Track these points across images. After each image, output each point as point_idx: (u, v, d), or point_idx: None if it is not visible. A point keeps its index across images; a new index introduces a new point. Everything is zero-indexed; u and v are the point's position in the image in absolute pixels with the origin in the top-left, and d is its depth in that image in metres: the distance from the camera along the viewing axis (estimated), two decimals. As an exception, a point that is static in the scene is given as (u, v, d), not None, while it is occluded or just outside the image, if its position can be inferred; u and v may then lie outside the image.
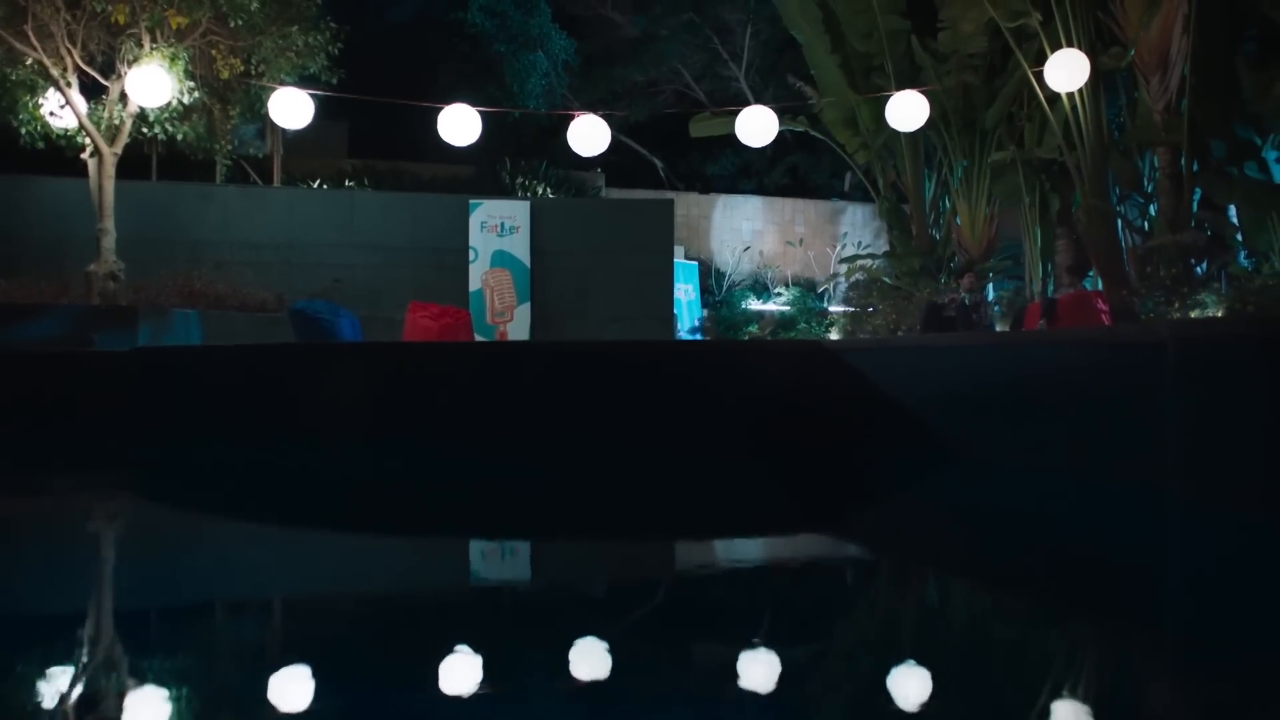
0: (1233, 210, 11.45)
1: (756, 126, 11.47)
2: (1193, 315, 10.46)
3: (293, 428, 6.33)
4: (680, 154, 20.62)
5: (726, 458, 5.58)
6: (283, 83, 12.04)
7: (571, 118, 11.95)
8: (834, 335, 15.04)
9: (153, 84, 10.24)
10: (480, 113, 11.72)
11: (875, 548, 3.84)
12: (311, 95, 11.66)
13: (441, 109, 11.80)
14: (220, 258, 12.88)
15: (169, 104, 11.15)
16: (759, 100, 15.63)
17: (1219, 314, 10.15)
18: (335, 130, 20.72)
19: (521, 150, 18.15)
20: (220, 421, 6.59)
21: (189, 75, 11.12)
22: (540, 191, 17.10)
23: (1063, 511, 4.04)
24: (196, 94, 11.38)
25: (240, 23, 11.23)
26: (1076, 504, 4.10)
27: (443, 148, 13.97)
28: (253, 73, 12.30)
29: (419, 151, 18.11)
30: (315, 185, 15.97)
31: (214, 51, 11.70)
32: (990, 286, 13.14)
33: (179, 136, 12.08)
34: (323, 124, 20.77)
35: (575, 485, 4.98)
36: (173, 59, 10.62)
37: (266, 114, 11.98)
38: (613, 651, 2.38)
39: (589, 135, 11.65)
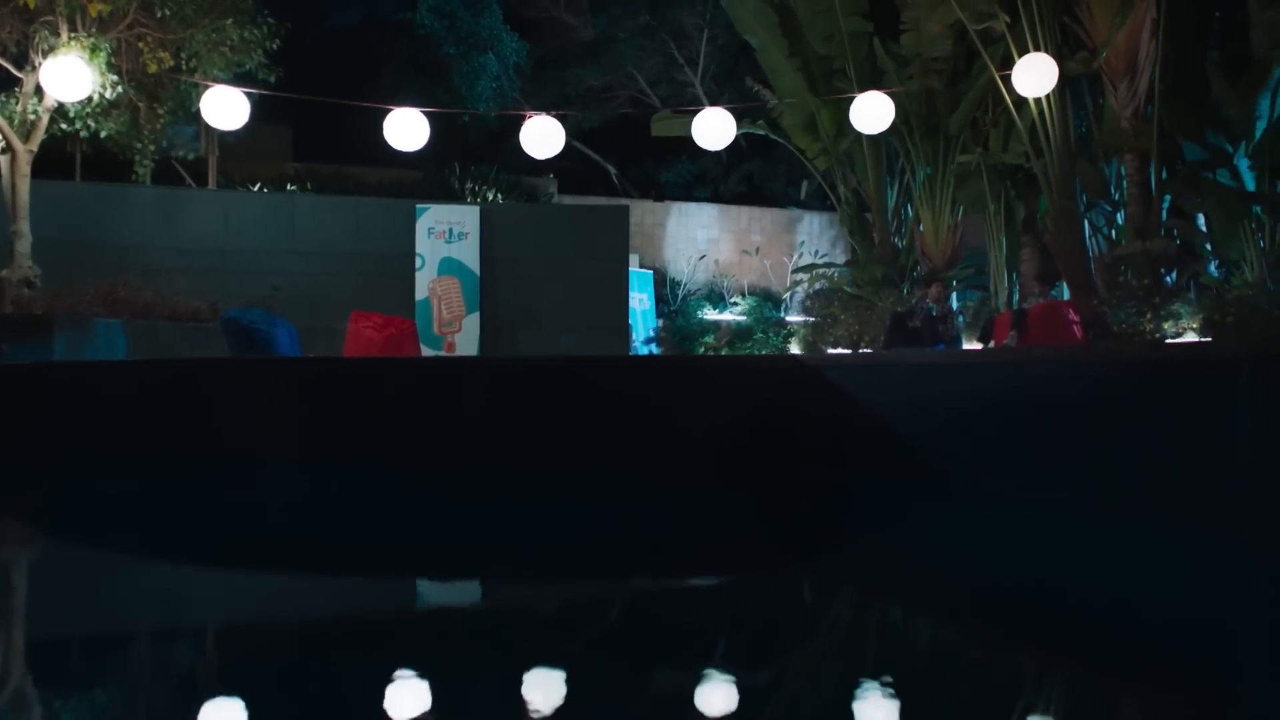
0: (1201, 218, 11.07)
1: (714, 129, 10.88)
2: (1166, 326, 10.03)
3: (212, 453, 5.60)
4: (634, 161, 20.02)
5: (691, 488, 4.94)
6: (216, 79, 11.24)
7: (523, 119, 11.28)
8: (794, 347, 14.49)
9: (71, 76, 9.39)
10: (428, 115, 11.01)
11: (855, 600, 3.24)
12: (247, 94, 10.86)
13: (386, 110, 11.08)
14: (149, 264, 12.01)
15: (90, 99, 10.31)
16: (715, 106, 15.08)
17: (1194, 325, 9.73)
18: (278, 133, 19.86)
19: (471, 155, 17.45)
20: (131, 445, 5.84)
21: (111, 68, 10.29)
22: (491, 197, 16.40)
23: (1100, 562, 3.39)
24: (120, 89, 10.54)
25: (168, 13, 10.43)
26: (1116, 551, 3.49)
27: (389, 152, 13.27)
28: (183, 68, 11.48)
29: (365, 156, 17.31)
30: (255, 189, 15.14)
31: (140, 44, 10.88)
32: (953, 296, 12.65)
33: (103, 134, 11.23)
34: (264, 126, 19.91)
35: (516, 520, 4.33)
36: (93, 50, 9.80)
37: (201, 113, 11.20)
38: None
39: (542, 137, 10.99)
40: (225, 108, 10.51)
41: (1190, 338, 9.79)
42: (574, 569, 3.49)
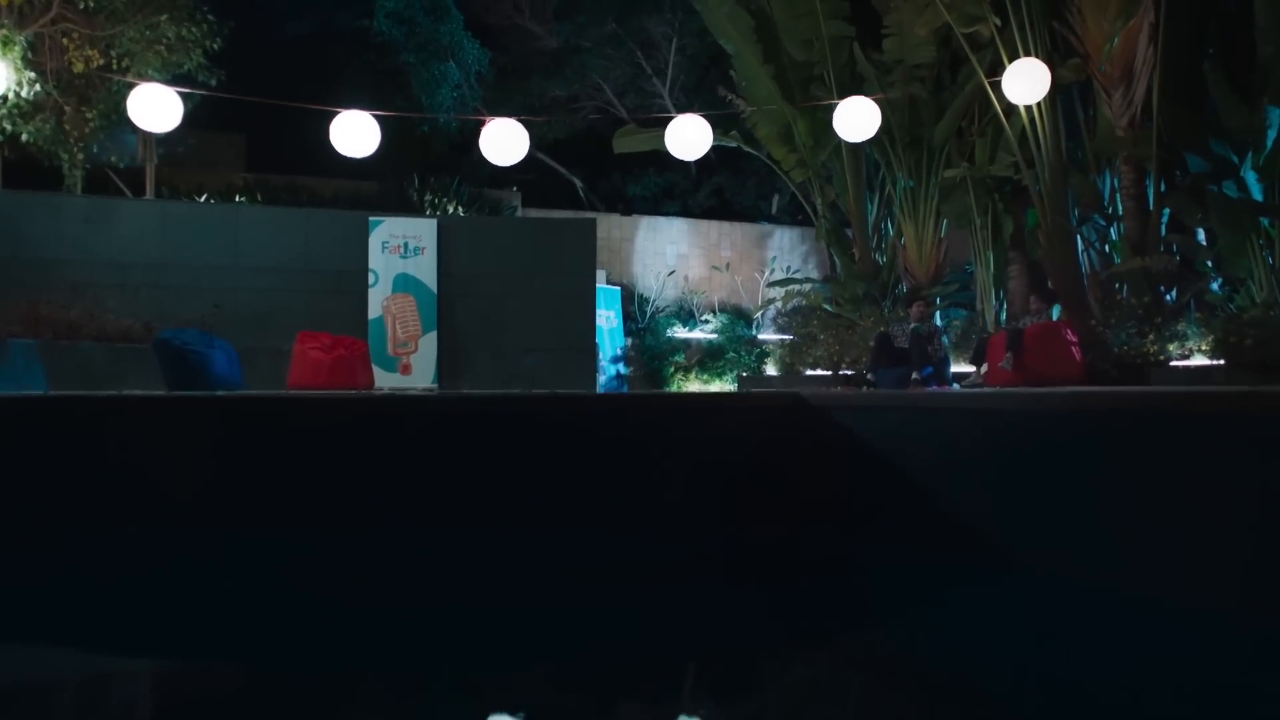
0: (1201, 233, 10.33)
1: (689, 138, 9.99)
2: (1171, 348, 9.25)
3: (90, 513, 4.46)
4: (601, 173, 19.13)
5: (676, 551, 4.02)
6: (151, 80, 10.22)
7: (484, 125, 10.34)
8: (770, 367, 13.62)
9: (-23, 72, 8.39)
10: (379, 120, 10.06)
11: (860, 701, 2.38)
12: (182, 95, 9.82)
13: (335, 114, 10.10)
14: (77, 280, 10.93)
15: (5, 98, 9.28)
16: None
17: (1204, 347, 8.95)
18: (230, 142, 18.80)
19: (431, 166, 16.49)
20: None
21: (29, 65, 9.27)
22: (451, 210, 15.44)
23: (1192, 679, 2.50)
24: (40, 88, 9.51)
25: (92, 5, 9.41)
26: (1222, 663, 2.61)
27: (346, 163, 12.34)
28: (115, 67, 10.46)
29: (321, 166, 16.31)
30: (201, 200, 14.09)
31: (65, 40, 9.86)
32: (937, 315, 11.84)
33: (24, 138, 10.18)
34: (216, 135, 18.88)
35: (470, 592, 3.39)
36: (5, 44, 8.77)
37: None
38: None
39: (504, 143, 10.08)
40: (155, 108, 9.47)
41: (1199, 360, 9.01)
42: (536, 653, 2.57)
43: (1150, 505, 3.04)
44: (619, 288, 16.41)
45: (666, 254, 17.83)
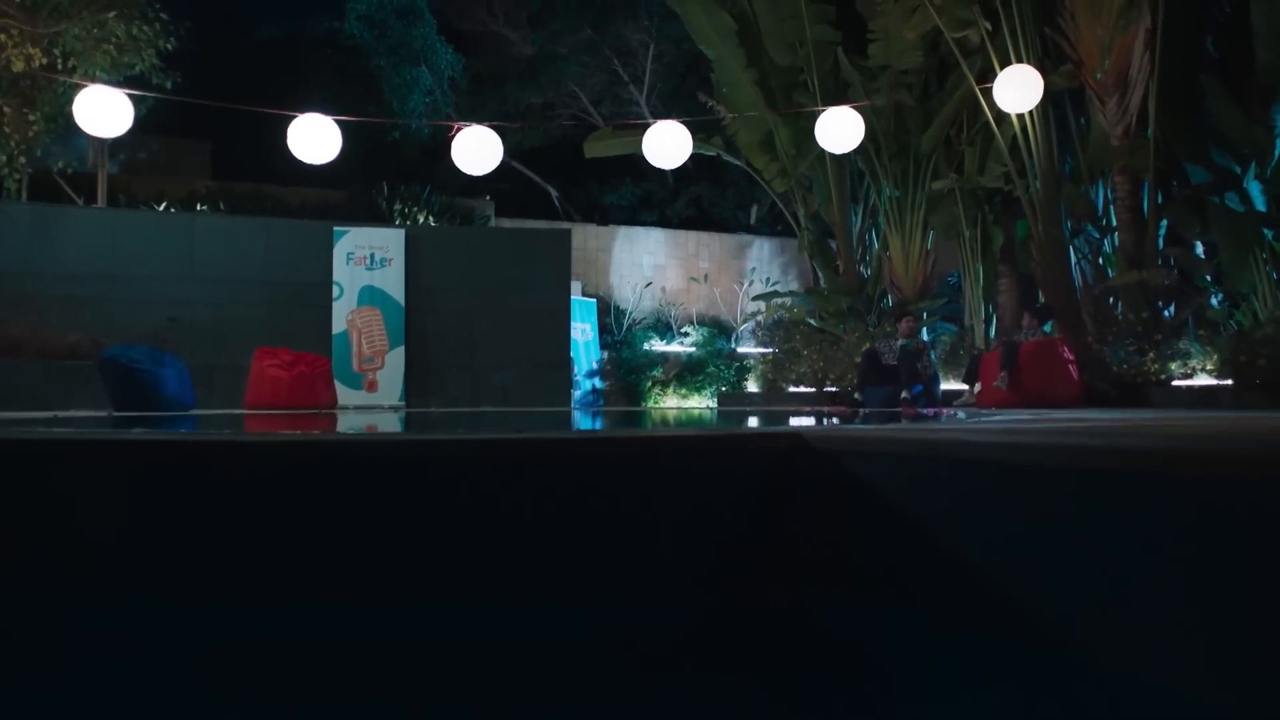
0: (1199, 246, 9.82)
1: (667, 145, 9.38)
2: (1173, 367, 8.72)
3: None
4: (577, 182, 18.51)
5: (655, 621, 3.35)
6: (100, 82, 9.51)
7: (455, 132, 9.69)
8: (751, 384, 13.02)
9: (-99, 69, 7.66)
10: (346, 125, 9.40)
11: None
12: (132, 97, 9.11)
13: (292, 118, 9.42)
14: (20, 292, 10.22)
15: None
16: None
17: (1209, 367, 8.42)
18: (195, 149, 18.09)
19: (402, 174, 15.82)
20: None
21: (-39, 63, 8.55)
22: (422, 219, 14.76)
23: None
24: (-27, 87, 8.80)
25: (32, 0, 8.70)
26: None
27: (313, 170, 11.66)
28: (59, 67, 9.74)
29: (287, 174, 15.63)
30: (161, 208, 13.35)
31: (4, 37, 9.13)
32: (924, 330, 11.27)
33: (-41, 142, 9.45)
34: (180, 142, 18.14)
35: (385, 678, 2.73)
36: (-67, 40, 8.06)
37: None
38: None
39: (477, 150, 9.43)
40: (103, 112, 8.74)
41: (1203, 380, 8.48)
42: None
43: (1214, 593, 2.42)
44: (595, 299, 15.79)
45: (643, 265, 17.23)
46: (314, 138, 9.32)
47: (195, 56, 21.05)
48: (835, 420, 4.66)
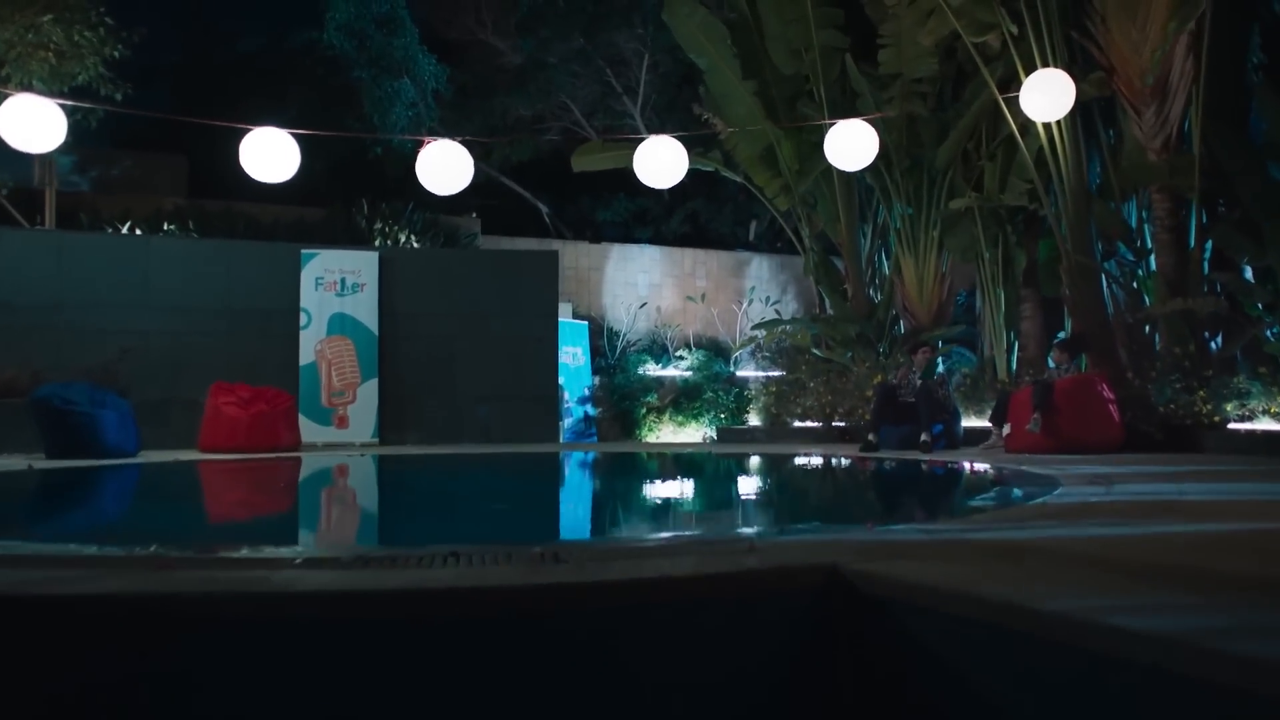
0: (1248, 270, 8.73)
1: (663, 162, 8.27)
2: (1229, 409, 7.61)
3: None
4: (568, 198, 17.41)
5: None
6: (32, 90, 8.43)
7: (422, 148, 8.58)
8: (753, 417, 11.89)
9: None
10: (312, 139, 8.29)
11: None
12: (69, 108, 7.99)
13: (249, 130, 8.32)
14: (-49, 323, 9.15)
15: None
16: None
17: (1275, 409, 7.31)
18: (171, 165, 16.95)
19: (385, 191, 14.70)
20: None
21: None
22: (404, 239, 13.64)
23: None
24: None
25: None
26: None
27: (289, 188, 10.53)
28: (-10, 77, 8.65)
29: (264, 192, 14.51)
30: (125, 229, 12.23)
31: (-78, 43, 8.04)
32: (940, 361, 10.16)
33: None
34: (152, 157, 17.04)
35: None
36: None
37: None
38: None
39: (443, 168, 8.35)
40: (32, 124, 7.62)
41: (1267, 424, 7.38)
42: None
43: None
44: (587, 322, 14.67)
45: (638, 284, 16.13)
46: (270, 154, 8.22)
47: (175, 70, 20.06)
48: (871, 527, 3.50)
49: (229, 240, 11.64)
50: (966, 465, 6.65)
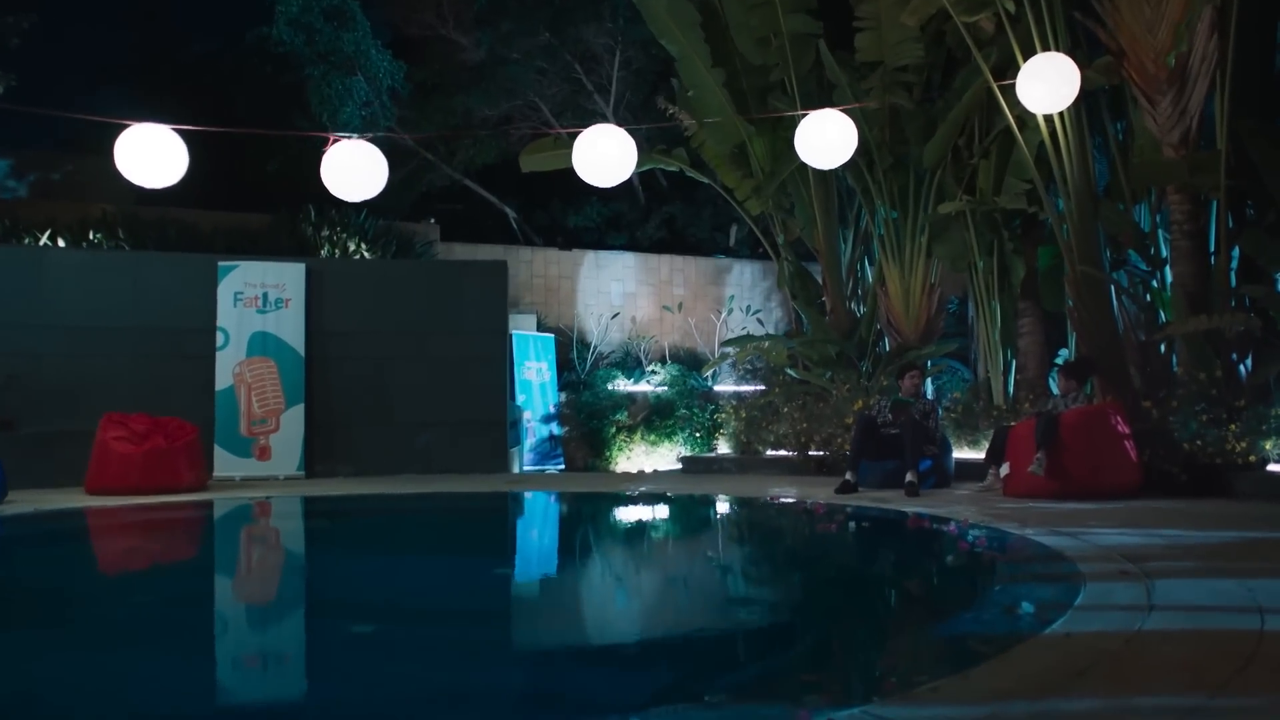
0: None
1: (604, 155, 6.99)
2: (1268, 447, 6.33)
3: None
4: (538, 203, 16.12)
5: None
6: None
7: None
8: (722, 444, 10.60)
9: None
10: (183, 134, 7.02)
11: None
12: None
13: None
14: None
15: None
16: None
17: (1323, 451, 6.03)
18: (115, 169, 15.64)
19: (335, 197, 13.39)
20: None
21: None
22: (354, 247, 12.36)
23: None
24: None
25: None
26: None
27: (236, 191, 9.44)
28: None
29: (209, 197, 13.26)
30: (43, 239, 10.96)
31: None
32: (928, 383, 8.87)
33: None
34: (98, 161, 15.72)
35: None
36: None
37: None
38: None
39: (350, 170, 7.08)
40: None
41: (1313, 469, 6.10)
42: None
43: None
44: (554, 335, 13.39)
45: (611, 292, 14.85)
46: (149, 155, 6.96)
47: (133, 70, 18.82)
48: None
49: (137, 251, 10.35)
50: (956, 529, 5.36)
